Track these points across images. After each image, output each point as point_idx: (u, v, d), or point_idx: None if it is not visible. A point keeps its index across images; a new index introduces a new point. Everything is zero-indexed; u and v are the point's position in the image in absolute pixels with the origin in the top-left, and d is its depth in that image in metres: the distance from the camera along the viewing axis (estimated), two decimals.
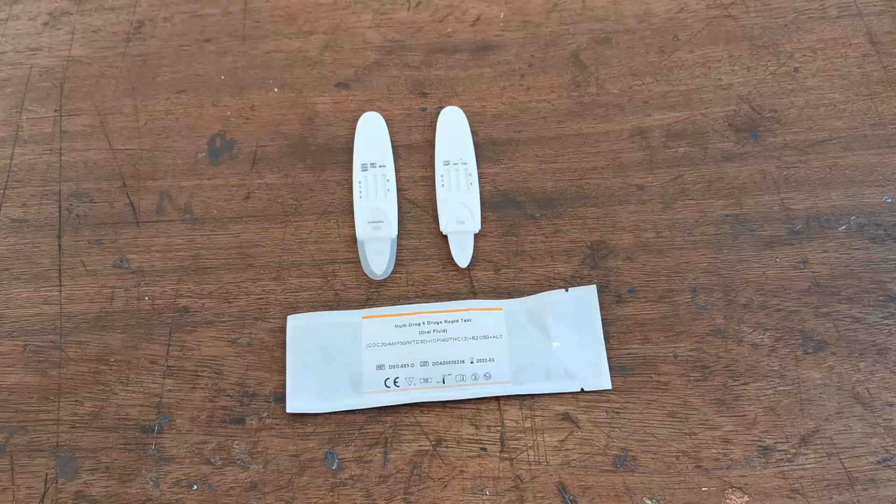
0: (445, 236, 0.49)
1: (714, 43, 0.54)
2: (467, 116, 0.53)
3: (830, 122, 0.51)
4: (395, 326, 0.46)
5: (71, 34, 0.58)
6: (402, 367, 0.45)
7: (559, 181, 0.50)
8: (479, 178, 0.51)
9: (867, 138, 0.50)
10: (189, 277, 0.49)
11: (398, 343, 0.45)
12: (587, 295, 0.46)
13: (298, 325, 0.46)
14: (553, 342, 0.45)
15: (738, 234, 0.48)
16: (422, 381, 0.45)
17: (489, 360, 0.45)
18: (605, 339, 0.46)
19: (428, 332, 0.46)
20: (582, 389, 0.44)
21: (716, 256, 0.47)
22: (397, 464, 0.43)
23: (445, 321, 0.46)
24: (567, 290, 0.46)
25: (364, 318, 0.46)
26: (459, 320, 0.46)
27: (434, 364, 0.45)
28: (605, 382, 0.45)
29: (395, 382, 0.45)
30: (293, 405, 0.45)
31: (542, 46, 0.55)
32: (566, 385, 0.44)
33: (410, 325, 0.46)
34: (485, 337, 0.45)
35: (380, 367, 0.45)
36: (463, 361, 0.45)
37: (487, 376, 0.45)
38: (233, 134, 0.53)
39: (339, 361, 0.45)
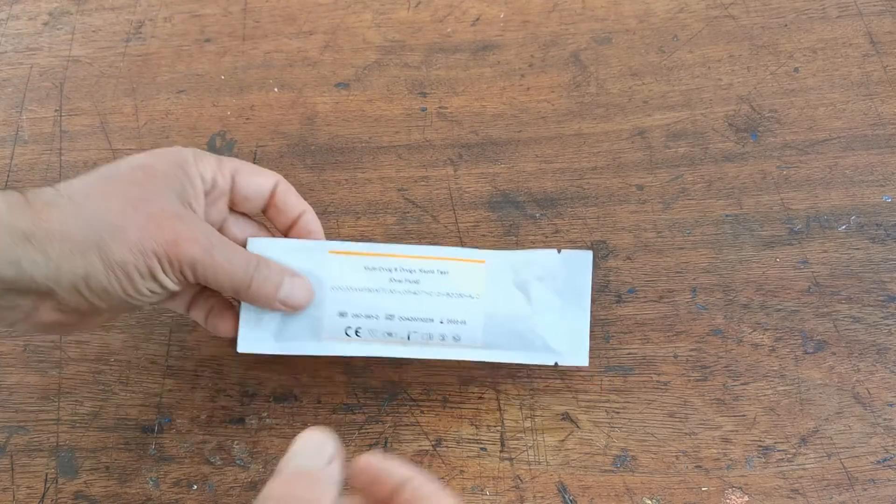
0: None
1: (714, 43, 0.54)
2: (467, 116, 0.53)
3: (830, 122, 0.51)
4: (365, 268, 0.42)
5: (71, 34, 0.58)
6: (366, 317, 0.41)
7: (559, 181, 0.50)
8: (479, 177, 0.51)
9: (867, 138, 0.50)
10: None
11: (364, 290, 0.42)
12: (580, 260, 0.43)
13: (262, 250, 0.42)
14: (534, 307, 0.42)
15: (738, 234, 0.48)
16: (385, 334, 0.41)
17: (460, 322, 0.42)
18: (605, 338, 0.46)
19: (399, 282, 0.42)
20: (556, 364, 0.42)
21: (716, 256, 0.47)
22: None
23: (420, 270, 0.42)
24: (559, 252, 0.43)
25: (331, 251, 0.42)
26: (435, 271, 0.42)
27: (401, 319, 0.41)
28: (582, 359, 0.42)
29: (356, 333, 0.41)
30: (245, 344, 0.41)
31: (542, 46, 0.55)
32: (540, 357, 0.42)
33: (381, 269, 0.42)
34: (459, 295, 0.42)
35: (342, 314, 0.41)
36: (432, 320, 0.41)
37: (456, 338, 0.42)
38: (233, 134, 0.53)
39: None
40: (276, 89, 0.55)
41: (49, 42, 0.58)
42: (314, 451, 0.31)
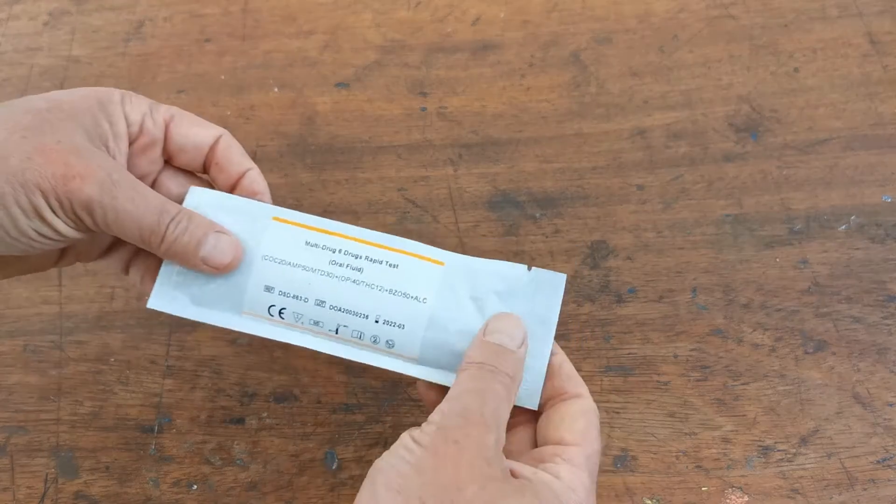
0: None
1: (714, 43, 0.54)
2: (467, 116, 0.53)
3: (830, 122, 0.51)
4: (306, 243, 0.37)
5: (71, 34, 0.58)
6: (293, 298, 0.36)
7: (559, 181, 0.50)
8: (479, 177, 0.51)
9: (867, 138, 0.50)
10: None
11: (300, 267, 0.36)
12: (552, 283, 0.36)
13: (200, 203, 0.37)
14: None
15: (738, 234, 0.48)
16: (311, 322, 0.36)
17: (398, 326, 0.36)
18: (605, 338, 0.46)
19: (340, 266, 0.36)
20: None
21: (716, 256, 0.47)
22: None
23: (367, 257, 0.37)
24: (529, 269, 0.36)
25: (274, 218, 0.37)
26: (384, 262, 0.37)
27: (332, 308, 0.36)
28: (531, 401, 0.35)
29: (279, 313, 0.36)
30: (157, 301, 0.37)
31: (542, 46, 0.55)
32: None
33: (324, 247, 0.37)
34: (405, 295, 0.36)
35: (269, 288, 0.36)
36: (367, 317, 0.36)
37: (390, 344, 0.36)
38: (232, 134, 0.53)
39: None
40: (275, 89, 0.55)
41: (49, 42, 0.58)
42: (513, 332, 0.34)
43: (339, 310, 0.36)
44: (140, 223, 0.34)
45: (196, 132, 0.38)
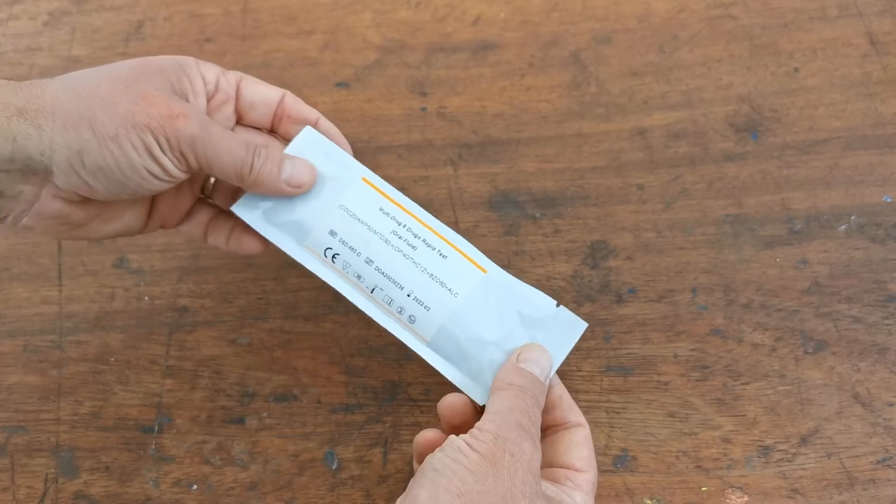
0: None
1: (714, 43, 0.54)
2: (467, 116, 0.53)
3: (830, 122, 0.51)
4: (380, 209, 0.41)
5: (71, 34, 0.58)
6: (349, 249, 0.40)
7: (559, 181, 0.50)
8: (479, 177, 0.51)
9: (867, 138, 0.50)
10: (189, 277, 0.49)
11: (365, 226, 0.40)
12: (572, 326, 0.40)
13: (309, 141, 0.41)
14: (499, 340, 0.39)
15: (738, 234, 0.48)
16: (355, 275, 0.40)
17: (425, 307, 0.40)
18: (605, 338, 0.46)
19: (399, 238, 0.40)
20: (482, 406, 0.39)
21: (716, 256, 0.47)
22: (397, 464, 0.43)
23: (424, 240, 0.40)
24: (558, 305, 0.40)
25: (363, 179, 0.41)
26: (437, 250, 0.40)
27: (377, 270, 0.40)
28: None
29: (332, 258, 0.40)
30: (241, 209, 0.41)
31: (542, 46, 0.55)
32: (471, 389, 0.39)
33: (393, 217, 0.41)
34: (442, 283, 0.40)
35: (333, 233, 0.40)
36: (402, 288, 0.40)
37: (412, 319, 0.40)
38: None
39: (305, 199, 0.41)
40: None
41: (49, 42, 0.58)
42: (543, 365, 0.38)
43: (383, 273, 0.40)
44: (233, 155, 0.37)
45: (263, 90, 0.42)
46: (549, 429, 0.39)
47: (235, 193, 0.42)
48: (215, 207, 0.43)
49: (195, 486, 0.43)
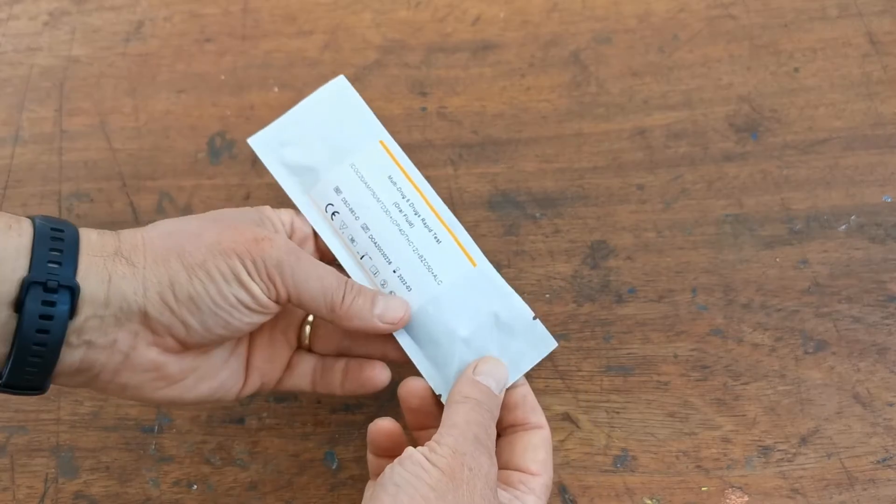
0: None
1: (714, 43, 0.54)
2: (467, 116, 0.53)
3: (830, 122, 0.51)
4: (389, 178, 0.41)
5: (71, 34, 0.58)
6: (349, 210, 0.41)
7: (559, 181, 0.50)
8: (479, 177, 0.51)
9: (867, 138, 0.50)
10: None
11: (371, 192, 0.41)
12: (542, 342, 0.41)
13: (339, 90, 0.42)
14: (469, 336, 0.40)
15: (738, 234, 0.48)
16: (349, 238, 0.41)
17: (407, 286, 0.40)
18: (605, 338, 0.46)
19: (400, 212, 0.41)
20: (440, 396, 0.40)
21: (716, 256, 0.47)
22: None
23: (423, 220, 0.41)
24: (534, 318, 0.41)
25: (381, 142, 0.42)
26: (433, 232, 0.41)
27: (370, 237, 0.40)
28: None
29: (332, 215, 0.41)
30: (256, 143, 0.42)
31: (542, 46, 0.55)
32: (434, 378, 0.40)
33: (399, 189, 0.41)
34: (429, 267, 0.40)
35: (338, 190, 0.41)
36: (390, 262, 0.40)
37: (392, 294, 0.40)
38: (233, 134, 0.53)
39: (321, 147, 0.42)
40: (276, 89, 0.55)
41: (49, 42, 0.58)
42: (500, 378, 0.39)
43: (375, 243, 0.40)
44: (323, 283, 0.37)
45: None
46: (508, 428, 0.39)
47: (335, 339, 0.41)
48: (317, 355, 0.42)
49: (195, 486, 0.43)
